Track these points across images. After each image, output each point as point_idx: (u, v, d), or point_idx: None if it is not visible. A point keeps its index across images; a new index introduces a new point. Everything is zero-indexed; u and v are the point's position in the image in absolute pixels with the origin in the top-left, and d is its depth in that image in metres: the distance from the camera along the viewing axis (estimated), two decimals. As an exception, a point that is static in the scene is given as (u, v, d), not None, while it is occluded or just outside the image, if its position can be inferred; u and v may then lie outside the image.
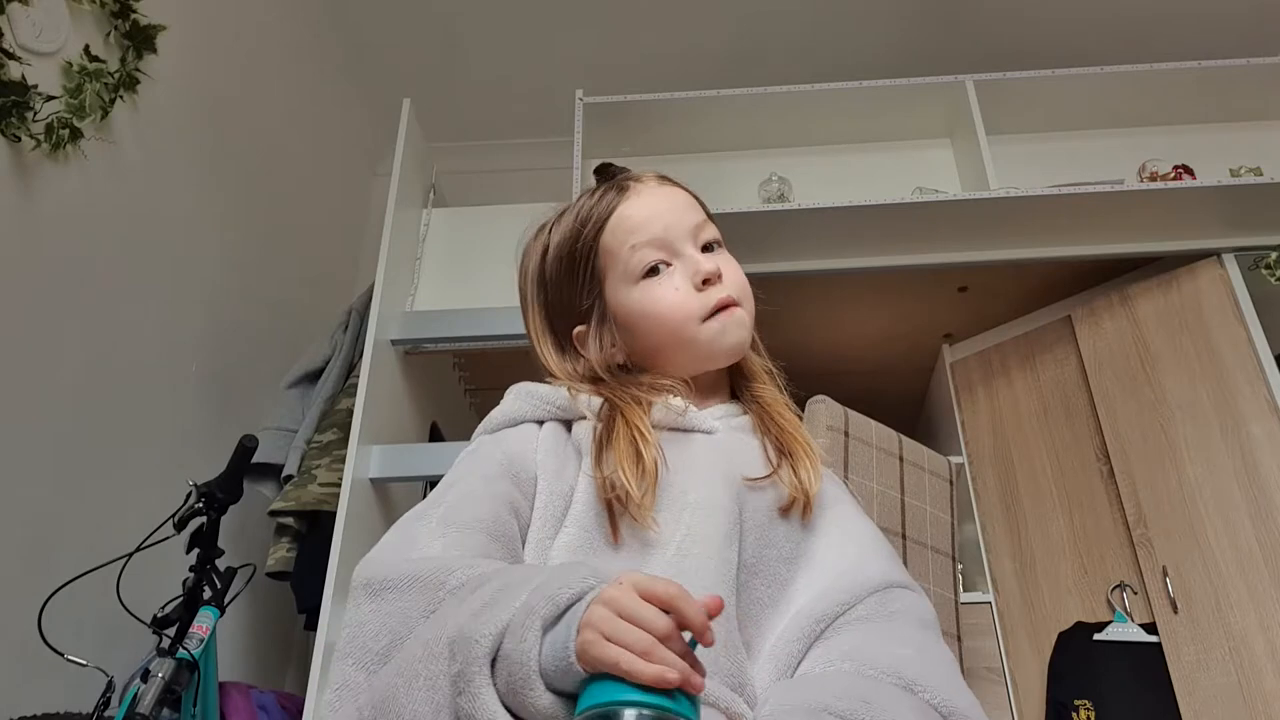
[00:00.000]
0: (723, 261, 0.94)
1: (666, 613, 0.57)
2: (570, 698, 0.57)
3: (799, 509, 0.83)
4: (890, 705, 0.66)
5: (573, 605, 0.59)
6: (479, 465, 0.85)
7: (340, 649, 0.71)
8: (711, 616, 0.57)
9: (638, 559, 0.77)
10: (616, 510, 0.79)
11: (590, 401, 0.88)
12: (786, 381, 0.98)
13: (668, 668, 0.53)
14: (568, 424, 0.89)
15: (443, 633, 0.62)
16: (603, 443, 0.83)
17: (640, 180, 0.97)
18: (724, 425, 0.91)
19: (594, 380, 0.93)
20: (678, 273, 0.91)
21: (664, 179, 0.98)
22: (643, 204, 0.94)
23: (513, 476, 0.83)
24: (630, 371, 0.94)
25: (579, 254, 0.94)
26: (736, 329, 0.91)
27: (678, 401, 0.89)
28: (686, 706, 0.54)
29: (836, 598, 0.78)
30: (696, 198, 0.99)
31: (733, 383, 0.98)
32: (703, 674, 0.56)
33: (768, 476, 0.84)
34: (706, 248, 0.94)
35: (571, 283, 0.95)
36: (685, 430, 0.88)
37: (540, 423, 0.89)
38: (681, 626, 0.56)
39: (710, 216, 0.99)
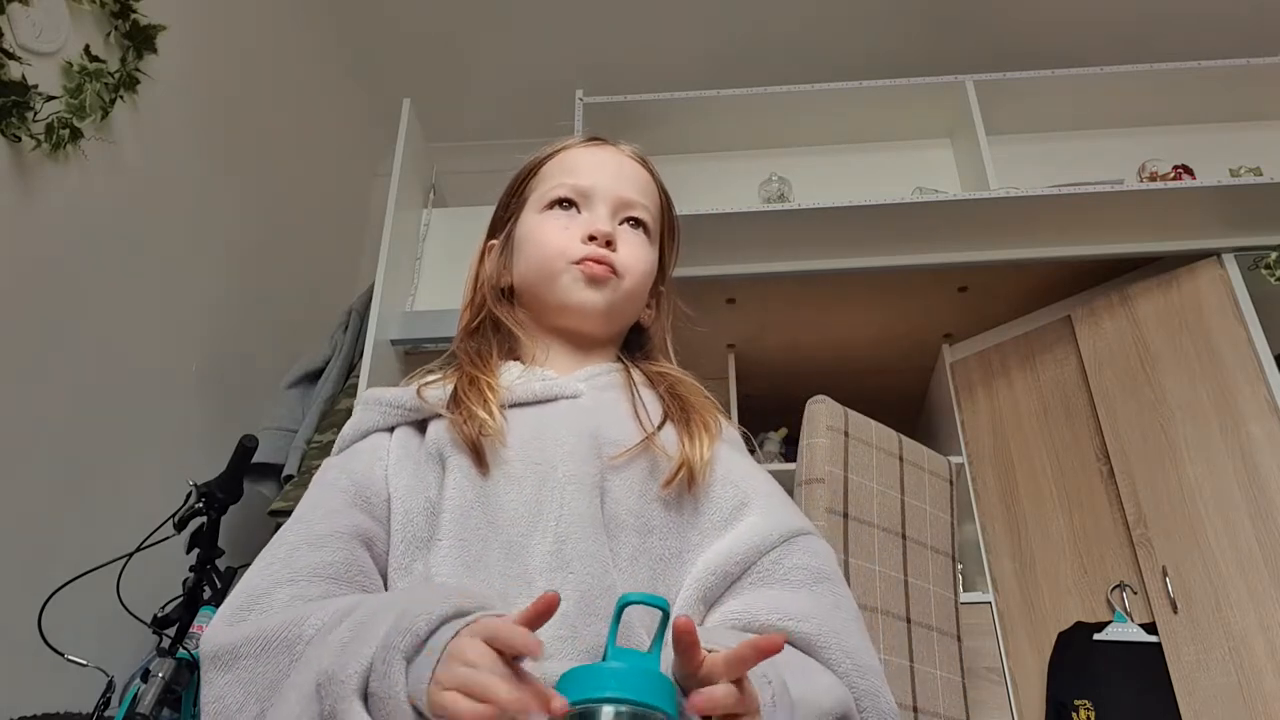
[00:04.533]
0: (628, 238, 0.91)
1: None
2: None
3: (684, 479, 0.79)
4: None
5: (434, 633, 0.59)
6: (325, 498, 0.79)
7: None
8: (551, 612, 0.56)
9: (519, 553, 0.73)
10: (484, 445, 0.77)
11: (445, 391, 0.83)
12: (784, 383, 0.97)
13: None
14: (421, 426, 0.83)
15: (310, 675, 0.62)
16: (458, 397, 0.81)
17: (616, 145, 0.98)
18: (589, 386, 0.86)
19: (470, 332, 0.93)
20: (577, 219, 0.91)
21: (637, 155, 0.98)
22: (594, 155, 0.96)
23: (363, 504, 0.78)
24: (511, 301, 0.94)
25: (522, 174, 0.99)
26: (593, 290, 0.88)
27: (538, 369, 0.86)
28: (666, 701, 0.54)
29: (733, 558, 0.76)
30: (662, 190, 0.99)
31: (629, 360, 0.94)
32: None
33: (640, 444, 0.80)
34: (625, 222, 0.93)
35: (506, 198, 1.00)
36: (546, 400, 0.84)
37: (390, 430, 0.84)
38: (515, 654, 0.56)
39: (668, 212, 0.99)
